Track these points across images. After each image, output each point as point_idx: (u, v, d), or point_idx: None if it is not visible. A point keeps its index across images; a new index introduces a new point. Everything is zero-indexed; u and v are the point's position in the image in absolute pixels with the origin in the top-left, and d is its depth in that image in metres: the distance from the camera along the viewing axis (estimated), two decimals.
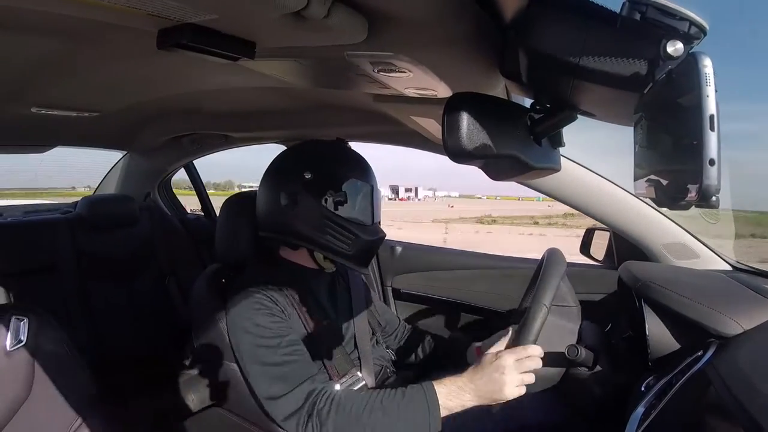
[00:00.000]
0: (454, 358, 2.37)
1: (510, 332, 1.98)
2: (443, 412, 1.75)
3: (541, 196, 2.71)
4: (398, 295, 3.48)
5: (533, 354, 1.74)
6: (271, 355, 1.93)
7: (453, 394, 1.77)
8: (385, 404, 1.79)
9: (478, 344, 2.31)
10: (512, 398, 1.72)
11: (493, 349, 1.84)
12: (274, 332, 1.96)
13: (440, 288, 3.34)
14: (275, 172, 2.18)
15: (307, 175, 2.06)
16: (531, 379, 1.74)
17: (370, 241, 2.12)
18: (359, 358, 2.26)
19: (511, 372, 1.71)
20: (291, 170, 2.11)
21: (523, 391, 1.73)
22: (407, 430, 1.78)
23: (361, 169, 2.16)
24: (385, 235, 2.25)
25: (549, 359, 1.84)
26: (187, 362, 2.96)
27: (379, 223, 2.24)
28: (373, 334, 2.45)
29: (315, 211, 2.06)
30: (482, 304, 3.10)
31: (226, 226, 2.35)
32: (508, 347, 1.78)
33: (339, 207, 2.07)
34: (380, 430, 1.78)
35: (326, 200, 2.06)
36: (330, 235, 2.07)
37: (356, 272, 2.44)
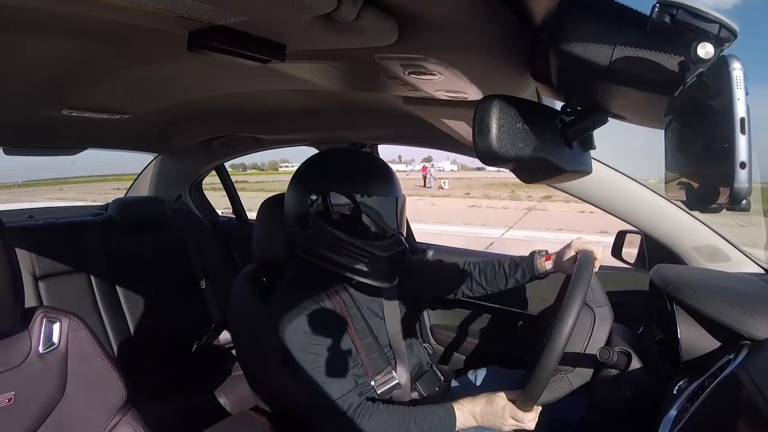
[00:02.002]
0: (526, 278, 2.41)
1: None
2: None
3: None
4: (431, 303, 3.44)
5: (530, 416, 1.90)
6: (321, 362, 1.95)
7: (465, 418, 1.96)
8: (419, 423, 1.91)
9: (547, 254, 2.36)
10: None
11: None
12: (324, 339, 1.98)
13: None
14: (290, 191, 2.18)
15: (313, 197, 2.06)
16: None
17: (387, 257, 2.10)
18: (394, 357, 2.26)
19: (507, 425, 1.93)
20: (300, 191, 2.12)
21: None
22: None
23: (372, 180, 2.13)
24: (406, 247, 2.21)
25: (581, 362, 1.84)
26: (223, 362, 2.98)
27: (401, 233, 2.21)
28: (408, 330, 2.43)
29: (326, 233, 2.07)
30: (511, 305, 3.09)
31: (264, 226, 2.36)
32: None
33: (349, 226, 2.07)
34: None
35: (335, 222, 2.06)
36: (345, 255, 2.07)
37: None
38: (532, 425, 1.90)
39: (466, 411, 1.96)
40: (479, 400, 1.96)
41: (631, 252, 2.72)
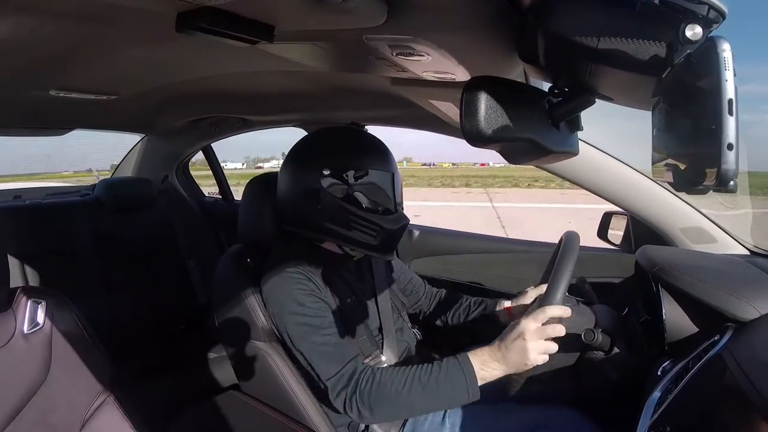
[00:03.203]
0: (485, 321, 2.42)
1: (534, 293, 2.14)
2: (479, 383, 1.81)
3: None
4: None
5: (553, 314, 1.75)
6: (318, 334, 1.95)
7: (485, 364, 1.83)
8: (423, 381, 1.85)
9: (508, 303, 2.35)
10: (537, 364, 1.76)
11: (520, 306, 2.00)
12: (316, 312, 1.98)
13: (457, 272, 3.33)
14: (293, 166, 2.17)
15: (326, 172, 2.06)
16: (554, 347, 1.76)
17: (394, 230, 2.12)
18: (383, 339, 2.26)
19: (532, 339, 1.74)
20: (309, 166, 2.11)
21: (546, 358, 1.77)
22: (448, 401, 1.89)
23: (379, 156, 2.14)
24: (409, 221, 2.24)
25: (565, 343, 1.84)
26: (208, 343, 2.98)
27: (402, 207, 2.23)
28: (398, 315, 2.44)
29: (337, 207, 2.06)
30: (499, 288, 3.09)
31: (250, 207, 2.36)
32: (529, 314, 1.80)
33: (360, 200, 2.08)
34: (421, 405, 1.89)
35: (347, 195, 2.07)
36: (355, 229, 2.07)
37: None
38: (561, 329, 1.76)
39: (484, 354, 1.85)
40: (492, 343, 1.87)
41: (617, 233, 2.73)
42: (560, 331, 1.75)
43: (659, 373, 1.69)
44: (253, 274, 2.17)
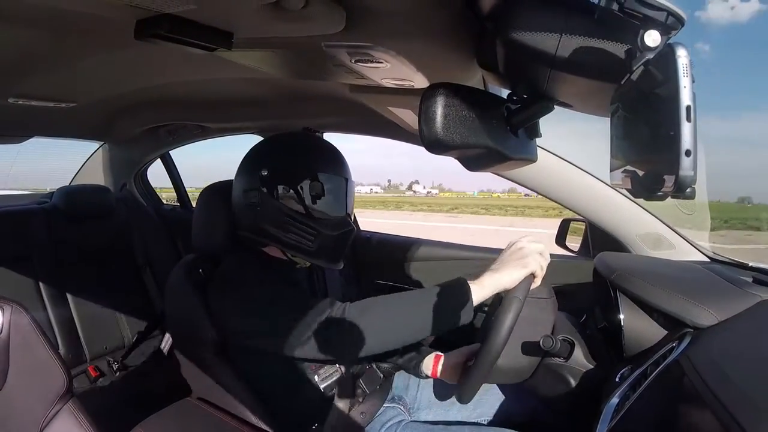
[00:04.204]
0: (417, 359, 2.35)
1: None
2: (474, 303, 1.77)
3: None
4: (376, 286, 3.47)
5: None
6: (279, 310, 1.88)
7: (480, 283, 1.77)
8: (416, 295, 1.86)
9: (439, 353, 2.31)
10: (529, 274, 1.75)
11: (452, 358, 2.00)
12: (268, 296, 1.93)
13: (416, 279, 3.33)
14: (239, 170, 2.16)
15: (264, 172, 2.05)
16: (545, 264, 1.78)
17: (333, 236, 2.09)
18: None
19: (531, 250, 1.77)
20: (250, 168, 2.10)
21: (539, 280, 1.79)
22: (441, 316, 1.78)
23: (323, 159, 2.13)
24: (353, 228, 2.19)
25: (523, 350, 1.85)
26: (162, 351, 2.94)
27: (350, 215, 2.20)
28: None
29: (274, 208, 2.04)
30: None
31: (203, 216, 2.32)
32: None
33: (297, 202, 2.05)
34: (412, 316, 1.81)
35: (283, 196, 2.05)
36: (292, 232, 2.05)
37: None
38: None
39: (476, 276, 1.80)
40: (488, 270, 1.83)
41: (575, 240, 2.75)
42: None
43: (617, 379, 1.70)
44: (204, 284, 2.14)
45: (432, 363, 2.26)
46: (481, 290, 1.75)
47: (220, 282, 2.04)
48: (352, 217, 2.24)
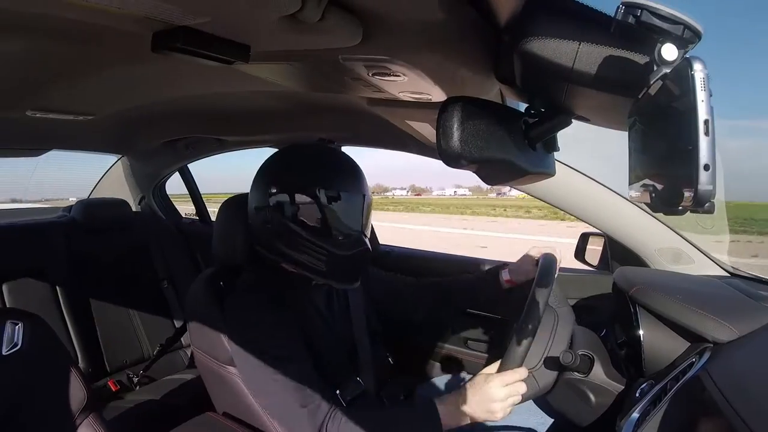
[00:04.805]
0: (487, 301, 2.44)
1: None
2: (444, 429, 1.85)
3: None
4: None
5: (520, 378, 1.81)
6: (283, 368, 1.89)
7: (451, 415, 1.85)
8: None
9: (507, 275, 2.36)
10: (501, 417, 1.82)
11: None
12: (283, 345, 1.93)
13: None
14: (252, 186, 2.13)
15: (273, 190, 2.01)
16: (518, 400, 1.82)
17: (346, 256, 2.04)
18: (359, 364, 2.22)
19: (502, 399, 1.79)
20: (261, 185, 2.07)
21: (509, 412, 1.82)
22: None
23: (335, 176, 2.06)
24: (368, 247, 2.12)
25: (543, 364, 1.84)
26: (184, 364, 2.94)
27: (364, 233, 2.14)
28: (372, 338, 2.38)
29: (283, 227, 2.01)
30: (478, 309, 3.08)
31: (223, 228, 2.31)
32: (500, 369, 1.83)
33: (307, 221, 2.01)
34: None
35: (293, 215, 2.01)
36: (303, 252, 2.01)
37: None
38: (524, 387, 1.82)
39: (450, 404, 1.88)
40: (461, 390, 1.89)
41: (594, 254, 2.73)
42: (523, 388, 1.82)
43: (637, 394, 1.69)
44: (224, 297, 2.13)
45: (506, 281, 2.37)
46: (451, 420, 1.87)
47: (239, 300, 2.04)
48: (368, 234, 2.18)
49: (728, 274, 2.32)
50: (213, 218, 2.56)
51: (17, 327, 1.60)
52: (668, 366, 1.68)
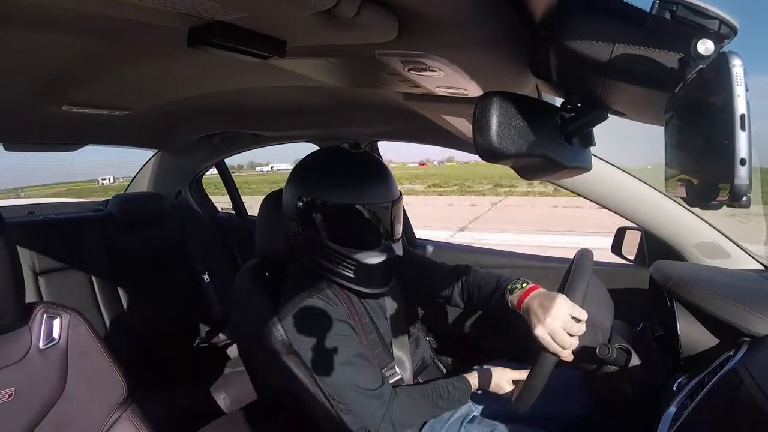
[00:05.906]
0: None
1: None
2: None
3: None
4: None
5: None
6: (345, 353, 1.95)
7: (483, 374, 2.09)
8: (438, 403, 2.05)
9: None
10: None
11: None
12: (341, 330, 1.98)
13: None
14: (283, 195, 2.17)
15: (300, 204, 2.05)
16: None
17: (373, 265, 2.07)
18: (398, 352, 2.25)
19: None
20: (290, 195, 2.11)
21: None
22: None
23: (361, 187, 2.06)
24: (397, 254, 2.15)
25: (580, 358, 1.84)
26: (224, 358, 2.96)
27: (396, 238, 2.16)
28: (413, 325, 2.44)
29: (311, 238, 2.05)
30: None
31: (265, 221, 2.35)
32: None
33: (333, 233, 2.05)
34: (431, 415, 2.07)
35: (321, 227, 2.04)
36: (332, 262, 2.05)
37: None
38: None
39: (475, 379, 2.10)
40: (488, 373, 2.11)
41: (630, 249, 2.72)
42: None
43: (675, 388, 1.69)
44: (272, 287, 2.17)
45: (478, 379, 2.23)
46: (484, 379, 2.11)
47: (293, 294, 2.06)
48: (398, 239, 2.20)
49: (765, 268, 2.30)
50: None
51: (55, 321, 1.63)
52: (705, 360, 1.67)
